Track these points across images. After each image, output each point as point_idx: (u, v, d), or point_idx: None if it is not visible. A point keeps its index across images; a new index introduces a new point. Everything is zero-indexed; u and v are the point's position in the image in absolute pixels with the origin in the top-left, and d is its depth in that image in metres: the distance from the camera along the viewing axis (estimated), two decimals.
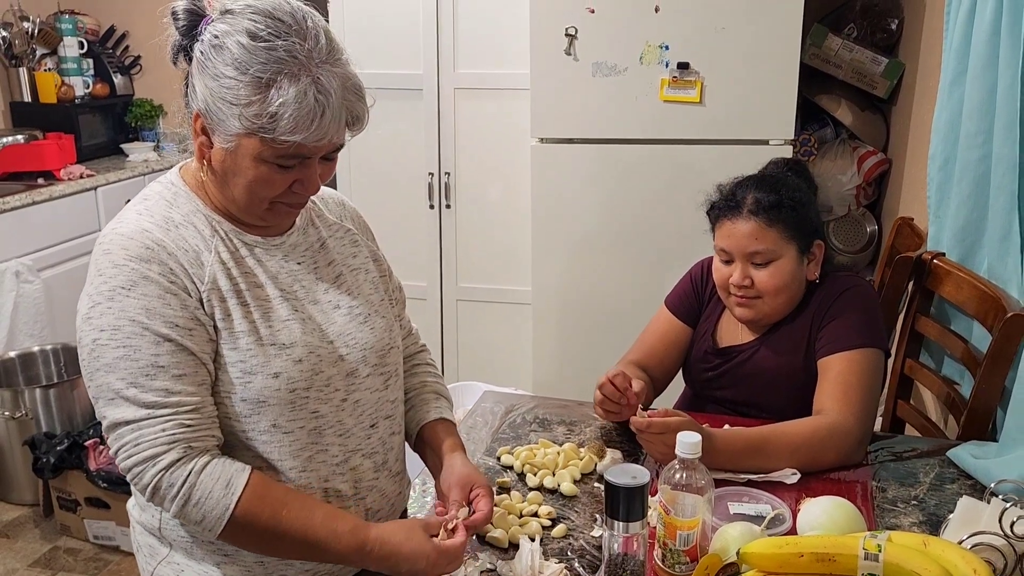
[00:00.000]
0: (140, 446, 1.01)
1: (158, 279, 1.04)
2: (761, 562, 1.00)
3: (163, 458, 1.01)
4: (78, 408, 2.85)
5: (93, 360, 1.03)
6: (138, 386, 1.01)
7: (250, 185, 1.06)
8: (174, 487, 1.01)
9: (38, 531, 2.69)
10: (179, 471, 1.01)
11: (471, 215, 3.13)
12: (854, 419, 1.44)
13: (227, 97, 1.00)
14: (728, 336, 1.68)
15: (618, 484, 1.08)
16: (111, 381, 1.02)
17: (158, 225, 1.08)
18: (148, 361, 1.02)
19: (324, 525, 1.06)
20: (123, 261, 1.04)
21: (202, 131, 1.06)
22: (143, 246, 1.05)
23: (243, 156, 1.03)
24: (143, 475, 1.02)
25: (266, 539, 1.06)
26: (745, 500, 1.31)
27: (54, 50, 3.87)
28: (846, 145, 2.86)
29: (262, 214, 1.11)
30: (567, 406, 1.70)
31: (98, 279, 1.04)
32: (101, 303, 1.03)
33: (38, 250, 3.17)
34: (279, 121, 0.98)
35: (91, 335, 1.03)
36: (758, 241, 1.53)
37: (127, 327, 1.02)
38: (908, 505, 1.34)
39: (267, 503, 1.04)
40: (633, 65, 2.52)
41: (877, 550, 0.96)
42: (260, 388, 1.07)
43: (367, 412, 1.18)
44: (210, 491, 1.02)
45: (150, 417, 1.01)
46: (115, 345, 1.02)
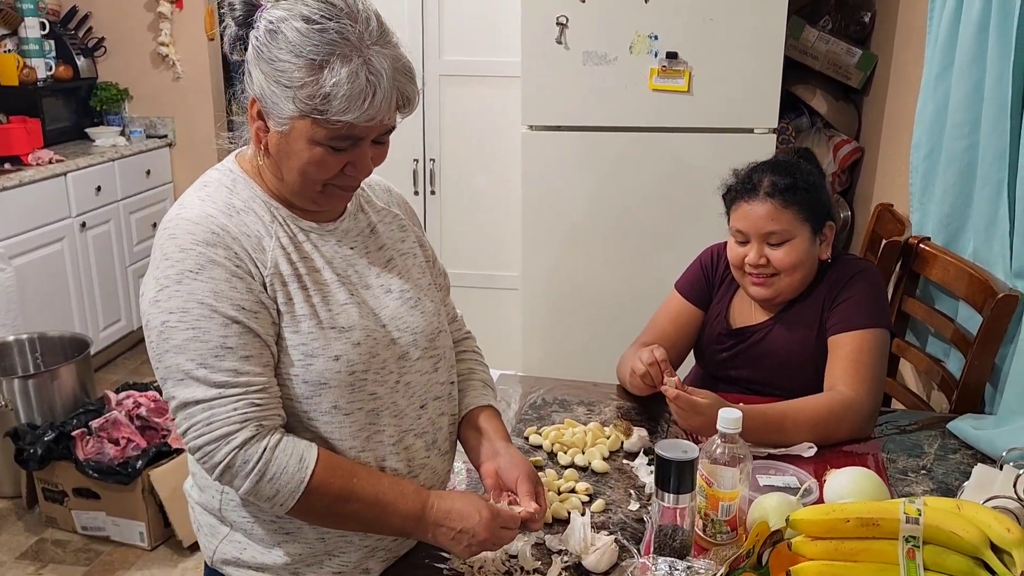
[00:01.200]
0: (212, 425, 1.03)
1: (224, 263, 1.05)
2: (810, 528, 1.06)
3: (236, 436, 1.03)
4: (59, 399, 2.80)
5: (162, 342, 1.04)
6: (208, 367, 1.03)
7: (304, 168, 1.07)
8: (248, 464, 1.03)
9: (21, 523, 2.64)
10: (253, 448, 1.03)
11: (456, 202, 3.15)
12: (866, 395, 1.52)
13: (282, 80, 1.02)
14: (741, 317, 1.74)
15: (670, 457, 1.13)
16: (180, 362, 1.03)
17: (221, 211, 1.09)
18: (217, 342, 1.03)
19: (391, 488, 1.11)
20: (190, 245, 1.05)
21: (258, 116, 1.08)
22: (209, 231, 1.06)
23: (297, 139, 1.05)
24: (215, 453, 1.03)
25: (335, 508, 1.08)
26: (772, 473, 1.38)
27: (14, 31, 3.74)
28: (822, 134, 2.97)
29: (315, 197, 1.12)
30: (584, 387, 1.75)
31: (164, 263, 1.06)
32: (169, 286, 1.04)
33: (8, 237, 3.08)
34: (331, 102, 1.01)
35: (160, 317, 1.04)
36: (774, 222, 1.59)
37: (196, 309, 1.03)
38: (918, 474, 1.43)
39: (338, 474, 1.07)
40: (623, 54, 2.57)
41: (917, 514, 1.03)
42: (321, 370, 1.09)
43: (417, 394, 1.21)
44: (285, 466, 1.04)
45: (221, 397, 1.03)
46: (184, 327, 1.03)
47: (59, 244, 3.36)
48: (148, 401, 2.70)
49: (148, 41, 3.99)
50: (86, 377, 2.92)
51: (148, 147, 3.92)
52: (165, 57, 3.99)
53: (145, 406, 2.67)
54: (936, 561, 1.01)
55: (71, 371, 2.84)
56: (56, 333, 3.09)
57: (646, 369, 1.50)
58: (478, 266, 3.21)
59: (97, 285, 3.60)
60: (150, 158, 3.94)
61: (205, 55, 4.01)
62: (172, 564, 2.46)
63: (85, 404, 2.74)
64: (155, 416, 2.67)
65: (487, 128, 3.05)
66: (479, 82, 3.04)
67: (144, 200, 3.91)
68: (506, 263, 3.17)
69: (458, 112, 3.08)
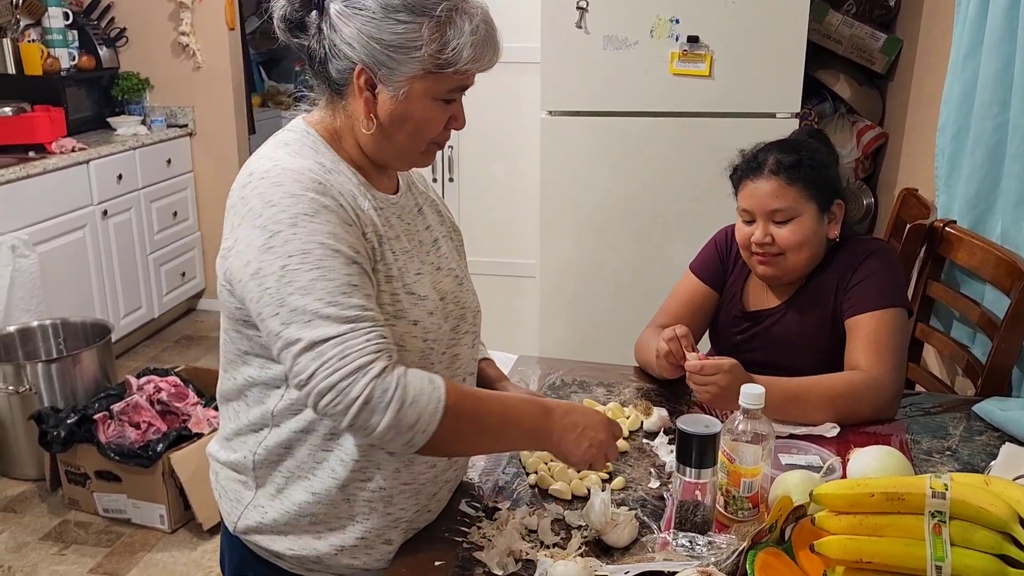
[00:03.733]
0: (348, 358, 0.99)
1: (336, 209, 1.06)
2: (834, 502, 1.05)
3: (373, 366, 1.00)
4: (80, 383, 2.83)
5: (284, 286, 1.01)
6: (337, 304, 1.01)
7: (419, 127, 1.11)
8: (388, 391, 1.00)
9: (45, 505, 2.67)
10: (390, 377, 1.01)
11: (475, 189, 3.15)
12: (887, 374, 1.50)
13: (404, 44, 1.05)
14: (756, 300, 1.72)
15: (692, 432, 1.12)
16: (307, 303, 1.00)
17: (315, 166, 1.09)
18: (343, 280, 1.02)
19: (512, 398, 1.17)
20: (300, 191, 1.04)
21: (366, 86, 1.09)
22: (314, 180, 1.06)
23: (415, 98, 1.08)
24: (352, 387, 0.99)
25: (472, 424, 1.08)
26: (794, 452, 1.36)
27: (38, 21, 3.78)
28: (845, 119, 2.93)
29: (416, 157, 1.16)
30: (603, 369, 1.74)
31: (271, 209, 1.04)
32: (283, 231, 1.02)
33: (33, 224, 3.12)
34: (461, 53, 1.05)
35: (278, 262, 1.02)
36: (779, 199, 1.57)
37: (317, 250, 1.02)
38: (943, 455, 1.40)
39: (464, 392, 1.09)
40: (643, 38, 2.55)
41: (944, 488, 1.01)
42: (401, 333, 1.10)
43: (461, 368, 1.23)
44: (421, 389, 1.03)
45: (354, 330, 1.00)
46: (308, 268, 1.01)
47: (81, 232, 3.40)
48: (169, 386, 2.72)
49: (169, 31, 4.02)
50: (107, 362, 2.95)
51: (169, 136, 3.95)
52: (186, 47, 4.02)
53: (166, 391, 2.69)
54: (963, 536, 0.99)
55: (93, 356, 2.87)
56: (78, 319, 3.13)
57: (668, 347, 1.49)
58: (496, 253, 3.20)
59: (118, 273, 3.63)
60: (170, 147, 3.97)
61: (225, 45, 4.03)
62: (192, 547, 2.48)
63: (107, 388, 2.77)
64: (175, 401, 2.69)
65: (506, 115, 3.03)
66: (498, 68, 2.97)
67: (164, 189, 3.94)
68: (524, 251, 3.16)
69: (477, 99, 3.02)
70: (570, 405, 1.18)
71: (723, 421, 1.18)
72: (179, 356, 3.79)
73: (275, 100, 5.28)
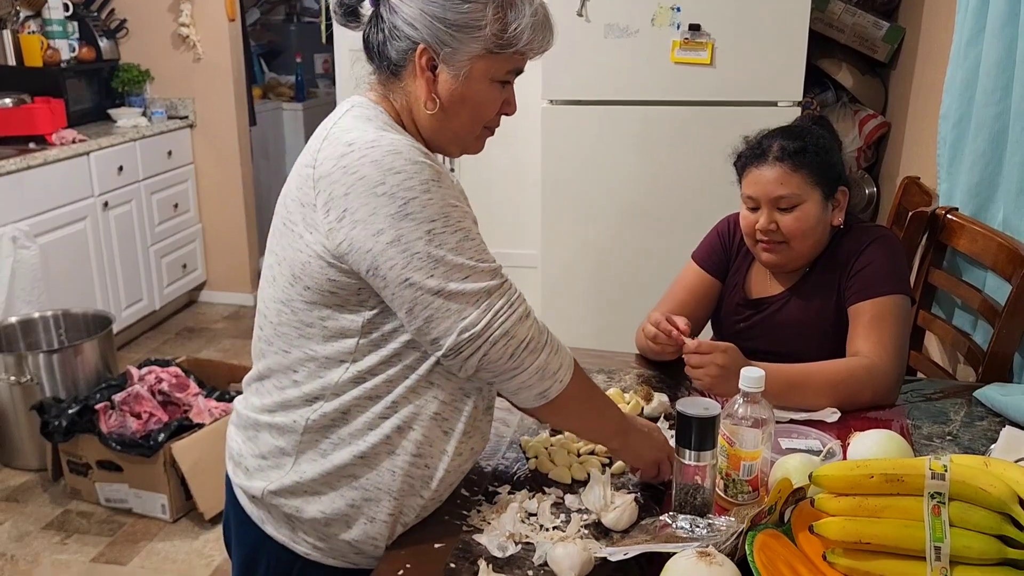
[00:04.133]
0: (514, 305, 1.07)
1: (445, 178, 1.09)
2: (833, 484, 1.04)
3: (532, 311, 1.10)
4: (82, 374, 2.83)
5: (435, 248, 1.04)
6: (484, 260, 1.07)
7: (478, 108, 1.13)
8: (543, 332, 1.10)
9: (47, 495, 2.67)
10: (541, 322, 1.11)
11: (476, 178, 3.14)
12: (889, 360, 1.49)
13: (468, 23, 1.08)
14: (759, 288, 1.72)
15: (690, 414, 1.11)
16: (461, 262, 1.05)
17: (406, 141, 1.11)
18: (478, 240, 1.09)
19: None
20: (420, 158, 1.06)
21: (427, 66, 1.11)
22: (421, 150, 1.08)
23: (476, 79, 1.11)
24: (520, 330, 1.07)
25: (589, 393, 1.18)
26: (795, 436, 1.36)
27: (38, 12, 3.77)
28: (847, 108, 2.92)
29: (471, 142, 1.19)
30: (603, 356, 1.73)
31: (396, 177, 1.03)
32: (417, 197, 1.03)
33: (34, 215, 3.12)
34: (522, 34, 1.09)
35: (423, 227, 1.03)
36: (783, 186, 1.56)
37: (454, 212, 1.06)
38: (943, 440, 1.40)
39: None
40: (645, 27, 2.54)
41: (943, 470, 1.01)
42: None
43: None
44: (559, 341, 1.13)
45: (505, 281, 1.08)
46: (452, 230, 1.05)
47: (82, 223, 3.40)
48: (170, 376, 2.72)
49: (169, 22, 4.02)
50: (108, 353, 2.96)
51: (169, 128, 3.95)
52: (186, 38, 4.01)
53: (167, 381, 2.70)
54: (962, 517, 0.99)
55: (94, 347, 2.87)
56: (79, 310, 3.13)
57: (656, 331, 1.50)
58: (497, 244, 3.18)
59: (119, 264, 3.64)
60: (171, 139, 3.97)
61: (226, 36, 4.02)
62: (193, 536, 2.48)
63: (108, 379, 2.77)
64: (177, 391, 2.69)
65: None
66: None
67: (165, 181, 3.94)
68: (526, 241, 3.16)
69: None
70: (643, 428, 1.25)
71: (723, 406, 1.18)
72: (180, 348, 3.79)
73: (276, 92, 5.27)
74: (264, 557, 1.19)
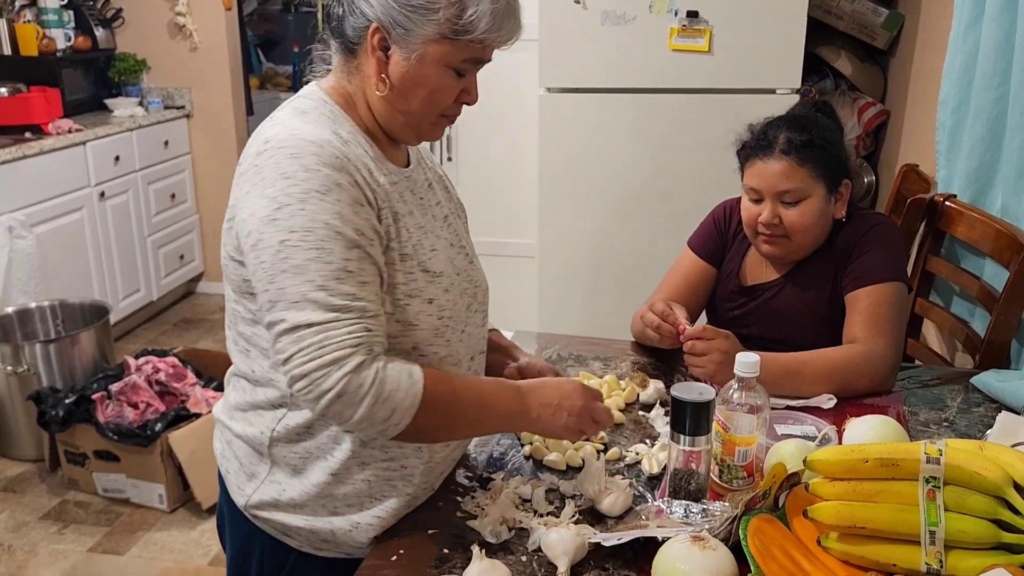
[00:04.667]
0: (324, 349, 0.98)
1: (348, 188, 1.03)
2: (828, 468, 1.04)
3: (350, 360, 0.98)
4: (79, 364, 2.83)
5: (279, 261, 1.00)
6: (327, 289, 0.99)
7: (431, 95, 1.08)
8: (363, 387, 0.99)
9: (44, 485, 2.67)
10: (367, 372, 0.99)
11: (474, 168, 3.13)
12: (886, 346, 1.49)
13: (420, 3, 1.03)
14: (754, 275, 1.71)
15: (685, 399, 1.11)
16: (297, 283, 0.99)
17: (333, 137, 1.07)
18: (339, 265, 1.00)
19: (488, 383, 1.15)
20: (315, 166, 1.02)
21: (379, 46, 1.07)
22: (333, 155, 1.03)
23: (428, 64, 1.06)
24: (324, 379, 0.98)
25: (448, 413, 1.07)
26: (790, 423, 1.36)
27: (34, 1, 3.75)
28: (846, 96, 2.91)
29: (427, 129, 1.13)
30: (600, 343, 1.73)
31: (284, 181, 1.01)
32: (291, 204, 1.00)
33: (30, 205, 3.11)
34: (478, 22, 1.03)
35: (278, 236, 1.00)
36: (789, 180, 1.55)
37: (321, 230, 1.00)
38: (940, 427, 1.40)
39: (442, 382, 1.07)
40: (642, 14, 2.52)
41: (938, 454, 1.01)
42: (416, 312, 1.09)
43: (472, 345, 1.22)
44: (398, 384, 1.01)
45: (338, 319, 0.99)
46: (307, 247, 0.99)
47: (78, 213, 3.39)
48: (167, 367, 2.72)
49: (165, 11, 4.00)
50: (105, 343, 2.95)
51: (166, 118, 3.93)
52: (182, 27, 4.00)
53: (164, 371, 2.69)
54: (957, 502, 0.98)
55: (91, 336, 2.86)
56: (76, 300, 3.12)
57: (659, 321, 1.48)
58: (495, 233, 3.19)
59: (116, 255, 3.63)
60: (168, 129, 3.95)
61: (222, 25, 4.00)
62: (191, 526, 2.48)
63: (105, 369, 2.77)
64: (174, 381, 2.69)
65: (504, 92, 3.01)
66: None
67: (162, 171, 3.93)
68: (523, 230, 3.15)
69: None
70: (541, 381, 1.17)
71: (718, 391, 1.17)
72: (178, 339, 3.78)
73: (273, 82, 5.26)
74: (257, 549, 1.20)
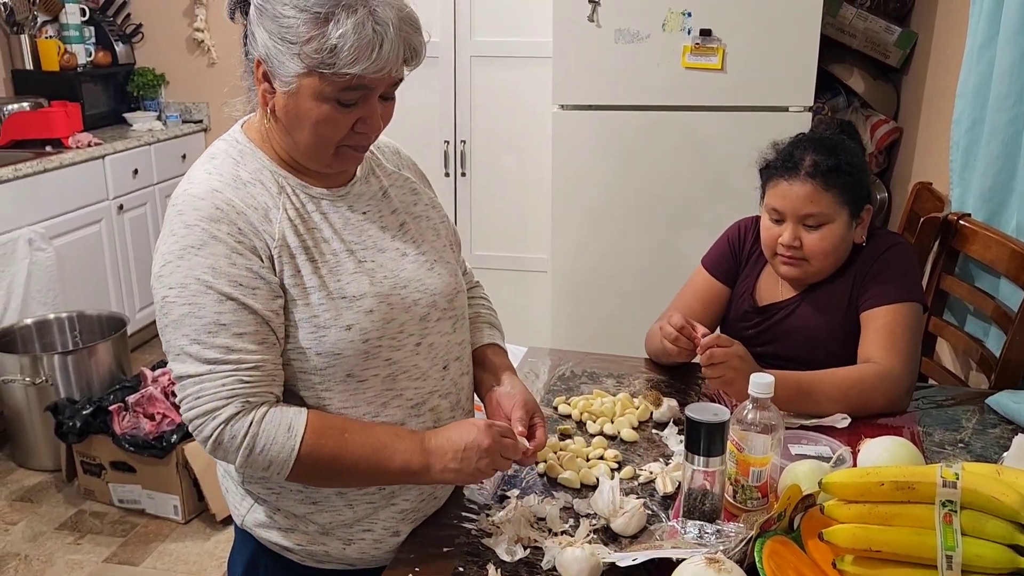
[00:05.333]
0: (200, 399, 1.04)
1: (226, 239, 1.05)
2: (843, 491, 1.04)
3: (222, 412, 1.04)
4: (96, 375, 2.85)
5: (162, 317, 1.06)
6: (200, 343, 1.04)
7: (315, 127, 1.06)
8: (236, 439, 1.04)
9: (61, 496, 2.70)
10: (240, 423, 1.04)
11: (487, 183, 3.15)
12: (901, 366, 1.49)
13: (287, 37, 1.01)
14: (768, 294, 1.71)
15: (700, 420, 1.11)
16: (177, 337, 1.05)
17: (228, 184, 1.09)
18: (211, 319, 1.04)
19: (386, 432, 1.12)
20: (194, 221, 1.05)
21: (264, 78, 1.07)
22: (214, 206, 1.06)
23: (305, 97, 1.04)
24: (203, 428, 1.05)
25: (334, 467, 1.08)
26: (804, 442, 1.36)
27: (55, 17, 3.81)
28: (859, 114, 2.91)
29: (329, 160, 1.11)
30: (614, 360, 1.74)
31: (171, 239, 1.06)
32: (172, 262, 1.05)
33: (49, 218, 3.15)
34: (339, 54, 0.99)
35: (161, 292, 1.06)
36: (813, 204, 1.54)
37: (193, 285, 1.04)
38: (955, 448, 1.39)
39: (329, 434, 1.08)
40: (655, 32, 2.54)
41: (955, 478, 1.01)
42: (334, 341, 1.09)
43: (440, 355, 1.20)
44: (273, 437, 1.05)
45: (211, 372, 1.04)
46: (181, 303, 1.04)
47: (97, 226, 3.43)
48: None
49: (184, 27, 4.05)
50: (122, 354, 2.98)
51: (183, 132, 3.98)
52: (200, 43, 4.04)
53: None
54: (974, 526, 0.98)
55: (108, 348, 2.89)
56: (94, 312, 3.15)
57: (676, 333, 1.48)
58: (508, 248, 3.21)
59: (134, 267, 3.66)
60: (185, 142, 4.00)
61: (240, 41, 4.04)
62: (205, 537, 2.50)
63: (122, 380, 2.79)
64: None
65: (518, 109, 3.04)
66: (510, 63, 3.03)
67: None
68: (535, 245, 3.16)
69: (489, 93, 3.08)
70: (446, 430, 1.13)
71: (732, 411, 1.18)
72: None
73: None
74: (263, 563, 1.22)
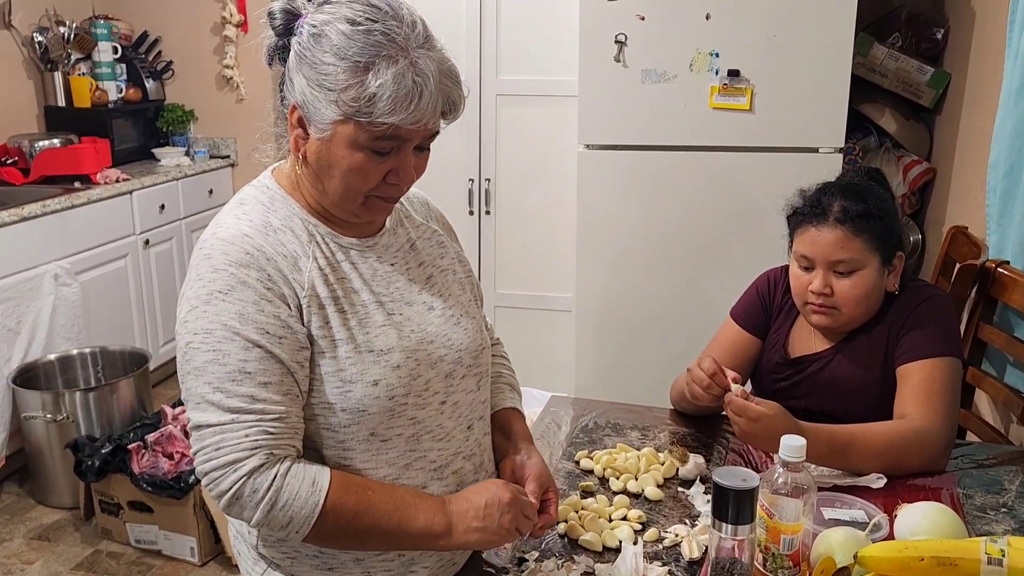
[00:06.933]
0: (221, 450, 1.00)
1: (255, 284, 1.03)
2: (880, 566, 0.99)
3: (245, 464, 0.99)
4: (117, 412, 2.85)
5: (185, 363, 1.03)
6: (224, 391, 1.00)
7: (346, 175, 1.04)
8: (259, 492, 1.00)
9: (79, 534, 2.68)
10: (263, 476, 1.00)
11: (511, 222, 3.13)
12: (939, 424, 1.43)
13: (325, 84, 1.00)
14: (800, 346, 1.66)
15: (728, 486, 1.06)
16: (199, 385, 1.01)
17: (258, 230, 1.07)
18: (236, 367, 1.01)
19: (408, 493, 1.09)
20: (223, 266, 1.03)
21: (298, 123, 1.06)
22: (243, 251, 1.04)
23: (338, 144, 1.03)
24: (222, 481, 1.00)
25: (354, 525, 1.04)
26: (838, 505, 1.30)
27: (88, 55, 3.88)
28: (891, 154, 2.86)
29: (357, 209, 1.09)
30: (638, 411, 1.69)
31: (197, 283, 1.04)
32: (198, 307, 1.03)
33: (76, 253, 3.17)
34: (377, 103, 0.98)
35: (185, 338, 1.03)
36: (843, 250, 1.50)
37: (219, 331, 1.01)
38: (998, 512, 1.33)
39: (353, 491, 1.04)
40: (683, 72, 2.52)
41: (1001, 554, 0.95)
42: (360, 397, 1.06)
43: (464, 414, 1.17)
44: (297, 491, 1.01)
45: (235, 422, 1.00)
46: (205, 349, 1.01)
47: (123, 261, 3.45)
48: None
49: (214, 64, 4.10)
50: (144, 391, 2.97)
51: (211, 167, 4.01)
52: (230, 79, 4.09)
53: None
54: None
55: (130, 385, 2.89)
56: (117, 347, 3.16)
57: (709, 380, 1.43)
58: (532, 287, 3.18)
59: (158, 301, 3.67)
60: (213, 178, 4.03)
61: (268, 77, 4.09)
62: None
63: (142, 418, 2.78)
64: None
65: (543, 148, 3.02)
66: (536, 101, 3.02)
67: (206, 219, 3.98)
68: (560, 284, 3.13)
69: (514, 132, 3.07)
70: (466, 492, 1.11)
71: (762, 469, 1.13)
72: None
73: None
74: None
